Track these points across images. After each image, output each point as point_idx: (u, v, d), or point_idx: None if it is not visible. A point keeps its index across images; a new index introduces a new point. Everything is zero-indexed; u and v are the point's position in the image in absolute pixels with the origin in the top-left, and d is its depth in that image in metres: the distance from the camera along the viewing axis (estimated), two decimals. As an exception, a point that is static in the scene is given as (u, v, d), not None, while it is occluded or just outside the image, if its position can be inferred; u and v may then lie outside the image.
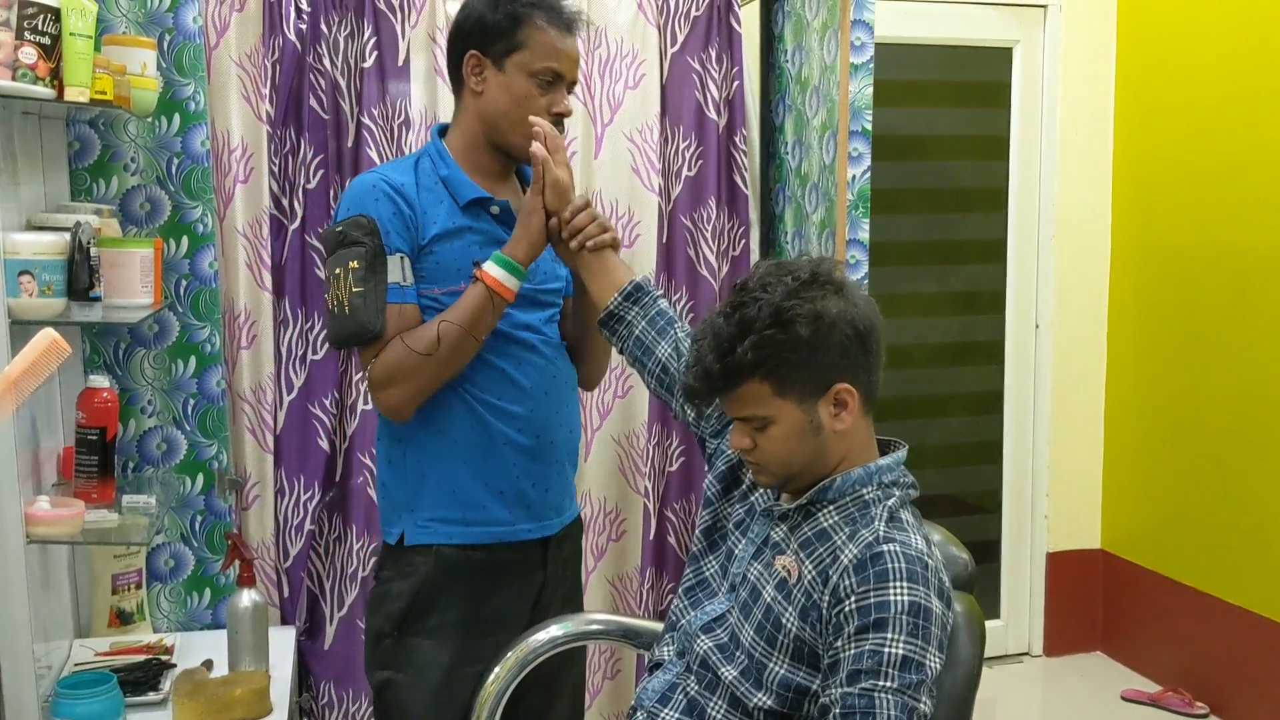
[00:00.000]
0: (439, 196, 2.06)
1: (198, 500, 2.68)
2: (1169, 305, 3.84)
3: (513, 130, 2.04)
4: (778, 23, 3.20)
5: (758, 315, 1.60)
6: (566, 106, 2.08)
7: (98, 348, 2.59)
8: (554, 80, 2.04)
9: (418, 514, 2.09)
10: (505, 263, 1.98)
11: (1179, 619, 3.84)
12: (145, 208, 2.59)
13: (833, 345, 1.61)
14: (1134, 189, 3.98)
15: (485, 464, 2.07)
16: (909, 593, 1.53)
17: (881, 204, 3.04)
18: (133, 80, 2.30)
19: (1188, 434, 3.77)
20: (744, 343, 1.60)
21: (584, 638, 2.12)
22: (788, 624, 1.62)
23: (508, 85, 2.03)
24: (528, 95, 2.03)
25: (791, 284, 1.61)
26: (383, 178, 2.04)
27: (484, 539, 2.09)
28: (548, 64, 2.03)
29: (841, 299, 1.63)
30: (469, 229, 2.05)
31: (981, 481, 4.24)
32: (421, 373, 1.98)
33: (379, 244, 1.97)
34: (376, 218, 1.98)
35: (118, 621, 2.58)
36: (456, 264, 2.03)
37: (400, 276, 1.99)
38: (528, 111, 2.02)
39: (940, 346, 4.21)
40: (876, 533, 1.60)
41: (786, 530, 1.70)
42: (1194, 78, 3.69)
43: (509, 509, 2.10)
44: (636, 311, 2.01)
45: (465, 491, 2.07)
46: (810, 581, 1.61)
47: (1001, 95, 4.05)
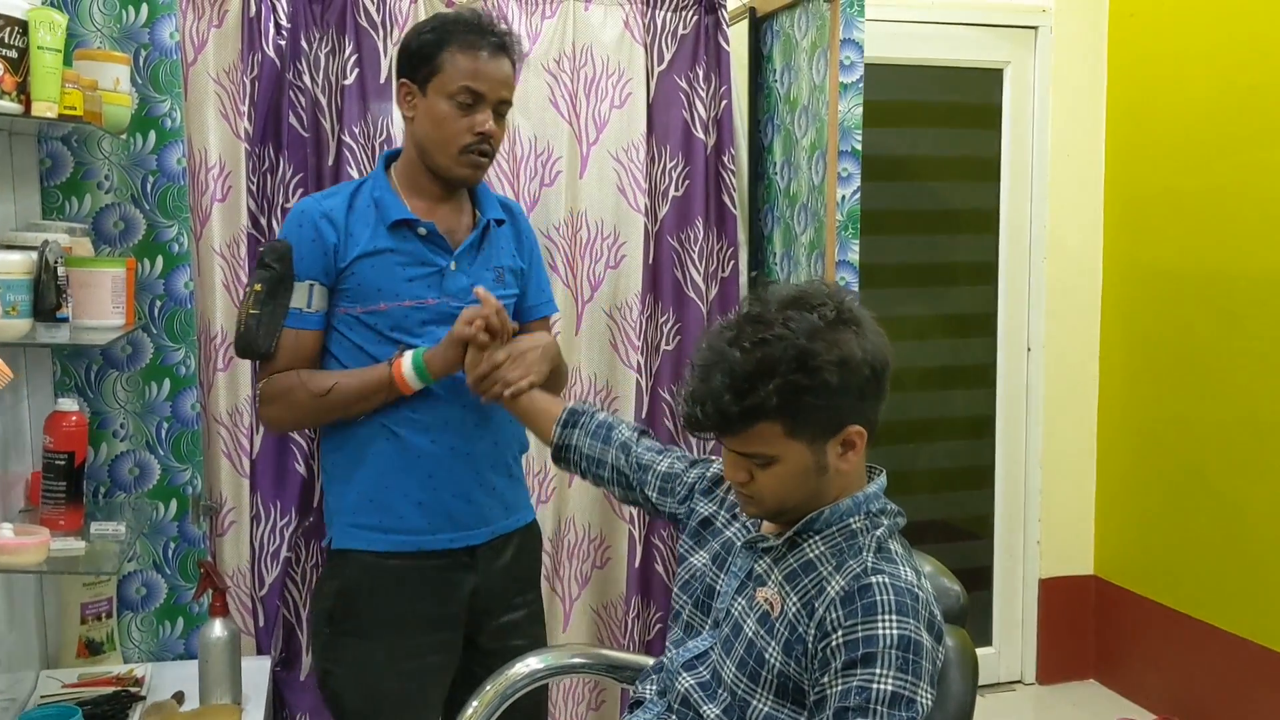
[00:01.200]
0: (369, 218, 2.13)
1: (171, 526, 2.62)
2: (1162, 327, 3.80)
3: (438, 153, 2.12)
4: (766, 42, 3.17)
5: (782, 356, 1.51)
6: (490, 127, 2.11)
7: (69, 370, 2.53)
8: (473, 102, 2.09)
9: (343, 518, 2.18)
10: (419, 366, 2.08)
11: (1173, 646, 3.80)
12: (119, 226, 2.54)
13: (853, 390, 1.54)
14: (1126, 211, 3.96)
15: (403, 474, 2.14)
16: (898, 626, 1.47)
17: (871, 225, 3.01)
18: (105, 96, 2.25)
19: (1182, 458, 3.73)
20: (767, 385, 1.50)
21: (565, 671, 2.06)
22: (771, 659, 1.56)
23: (430, 110, 2.11)
24: (447, 117, 2.09)
25: (818, 323, 1.53)
26: (316, 203, 2.16)
27: (401, 547, 2.15)
28: (463, 84, 2.08)
29: (861, 336, 1.55)
30: (391, 250, 2.12)
31: (973, 507, 4.20)
32: (302, 409, 2.13)
33: (287, 270, 2.09)
34: (294, 244, 2.10)
35: (86, 652, 2.51)
36: (376, 284, 2.11)
37: (304, 303, 2.11)
38: (449, 134, 2.10)
39: (930, 370, 4.16)
40: (864, 564, 1.54)
41: (770, 562, 1.64)
42: (1186, 99, 3.66)
43: (428, 518, 2.15)
44: (579, 434, 2.06)
45: (384, 500, 2.14)
46: (795, 615, 1.56)
47: (992, 116, 4.03)
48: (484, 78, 2.09)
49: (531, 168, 2.86)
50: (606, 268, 2.93)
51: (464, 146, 2.10)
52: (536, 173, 2.86)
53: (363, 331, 2.12)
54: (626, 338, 2.94)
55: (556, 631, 2.91)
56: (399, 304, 2.11)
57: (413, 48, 2.13)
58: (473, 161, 2.13)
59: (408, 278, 2.12)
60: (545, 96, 2.86)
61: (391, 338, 2.12)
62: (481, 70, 2.09)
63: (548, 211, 2.88)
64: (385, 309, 2.11)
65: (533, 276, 2.33)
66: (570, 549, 2.95)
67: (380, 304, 2.11)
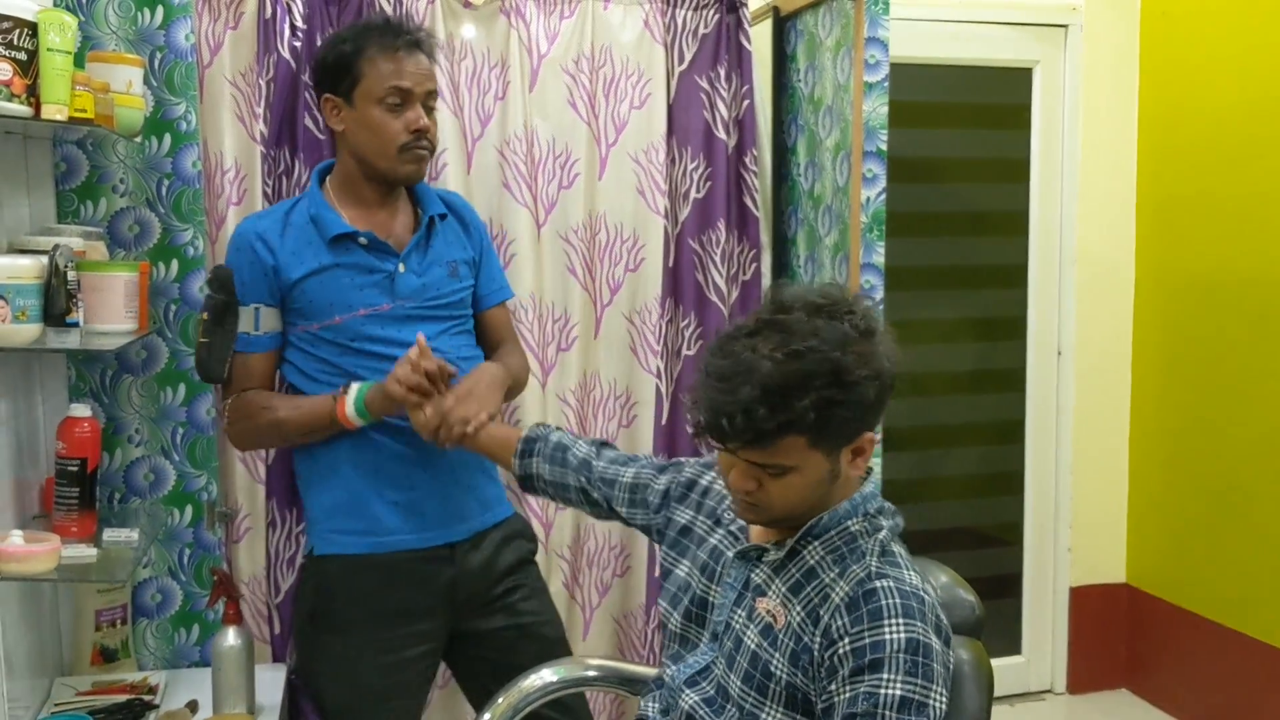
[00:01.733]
0: (309, 236, 2.18)
1: (186, 533, 2.60)
2: (1195, 331, 3.75)
3: (378, 158, 2.17)
4: (790, 41, 3.13)
5: (817, 370, 1.46)
6: (424, 122, 2.16)
7: (83, 374, 2.51)
8: (402, 101, 2.14)
9: (321, 525, 2.24)
10: (360, 407, 2.12)
11: (1207, 656, 3.75)
12: (134, 230, 2.52)
13: (877, 403, 1.53)
14: (1158, 212, 3.91)
15: (376, 476, 2.19)
16: (905, 629, 1.44)
17: (899, 228, 2.96)
18: (117, 98, 2.23)
19: (1216, 464, 3.68)
20: (802, 399, 1.45)
21: (579, 684, 2.02)
22: (777, 671, 1.53)
23: (361, 118, 2.15)
24: (380, 122, 2.14)
25: (850, 334, 1.50)
26: (251, 226, 2.21)
27: (378, 549, 2.20)
28: (389, 85, 2.13)
29: (885, 345, 1.54)
30: (337, 265, 2.17)
31: (1002, 513, 4.15)
32: (258, 435, 2.27)
33: (230, 296, 2.16)
34: (235, 268, 2.17)
35: (101, 659, 2.50)
36: (328, 299, 2.16)
37: (251, 326, 2.18)
38: (386, 137, 2.15)
39: (959, 374, 4.13)
40: (868, 568, 1.51)
41: (769, 571, 1.60)
42: (1221, 99, 3.61)
43: (403, 518, 2.20)
44: (537, 462, 2.07)
45: (359, 504, 2.20)
46: (799, 624, 1.52)
47: (1022, 117, 3.98)
48: (407, 75, 2.14)
49: (550, 170, 2.82)
50: (626, 271, 2.89)
51: (402, 145, 2.15)
52: (554, 175, 2.83)
53: (324, 346, 2.18)
54: (646, 342, 2.90)
55: (576, 641, 2.87)
56: (354, 314, 2.16)
57: (329, 61, 2.18)
58: (415, 157, 2.18)
59: (358, 287, 2.17)
60: (564, 98, 2.82)
61: (353, 347, 2.18)
62: (404, 69, 2.14)
63: (566, 214, 2.84)
64: (340, 321, 2.16)
65: (484, 265, 2.37)
66: (590, 557, 2.92)
67: (335, 317, 2.16)
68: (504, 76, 2.77)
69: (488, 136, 2.76)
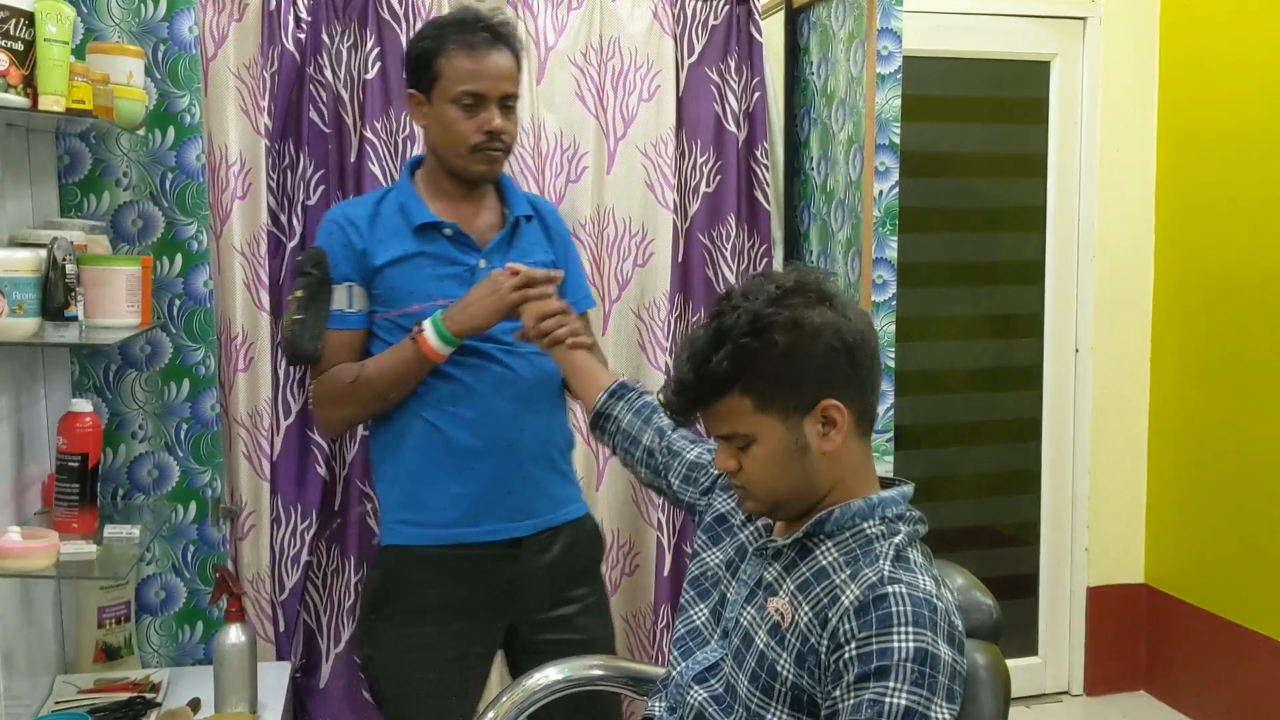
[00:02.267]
0: (396, 225, 2.17)
1: (190, 529, 2.59)
2: (1215, 328, 3.71)
3: (452, 156, 2.16)
4: (803, 34, 3.10)
5: (735, 324, 1.50)
6: (497, 124, 2.12)
7: (87, 369, 2.50)
8: (476, 102, 2.11)
9: (387, 516, 2.22)
10: (440, 332, 2.07)
11: (1227, 658, 3.70)
12: (137, 224, 2.51)
13: (815, 356, 1.50)
14: (1178, 207, 3.86)
15: (440, 468, 2.15)
16: (914, 638, 1.39)
17: (915, 223, 2.93)
18: (117, 90, 2.21)
19: (1235, 462, 3.64)
20: (719, 352, 1.50)
21: (584, 683, 1.99)
22: (783, 671, 1.49)
23: (437, 116, 2.14)
24: (454, 121, 2.12)
25: (773, 292, 1.52)
26: (343, 212, 2.21)
27: (437, 540, 2.16)
28: (463, 88, 2.10)
29: (829, 309, 1.52)
30: (421, 254, 2.15)
31: (1019, 512, 4.10)
32: (342, 401, 2.16)
33: (324, 275, 2.14)
34: (327, 250, 2.15)
35: (104, 656, 2.49)
36: (408, 288, 2.14)
37: (345, 304, 2.15)
38: (458, 137, 2.13)
39: (975, 371, 4.08)
40: (881, 573, 1.46)
41: (781, 570, 1.57)
42: (1242, 92, 3.56)
43: (464, 511, 2.16)
44: (622, 406, 2.03)
45: (421, 495, 2.17)
46: (806, 625, 1.48)
47: (1039, 110, 3.94)
48: (482, 77, 2.11)
49: (557, 163, 2.80)
50: (634, 266, 2.86)
51: (474, 146, 2.13)
52: (562, 168, 2.80)
53: (399, 334, 2.14)
54: (654, 338, 2.87)
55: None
56: (432, 304, 2.11)
57: (412, 57, 2.18)
58: (487, 158, 2.15)
59: (438, 277, 2.14)
60: (571, 90, 2.80)
61: None
62: (480, 70, 2.11)
63: (574, 208, 2.81)
64: (419, 310, 2.12)
65: (568, 272, 2.30)
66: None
67: (413, 305, 2.13)
68: (511, 68, 2.74)
69: (495, 129, 2.73)
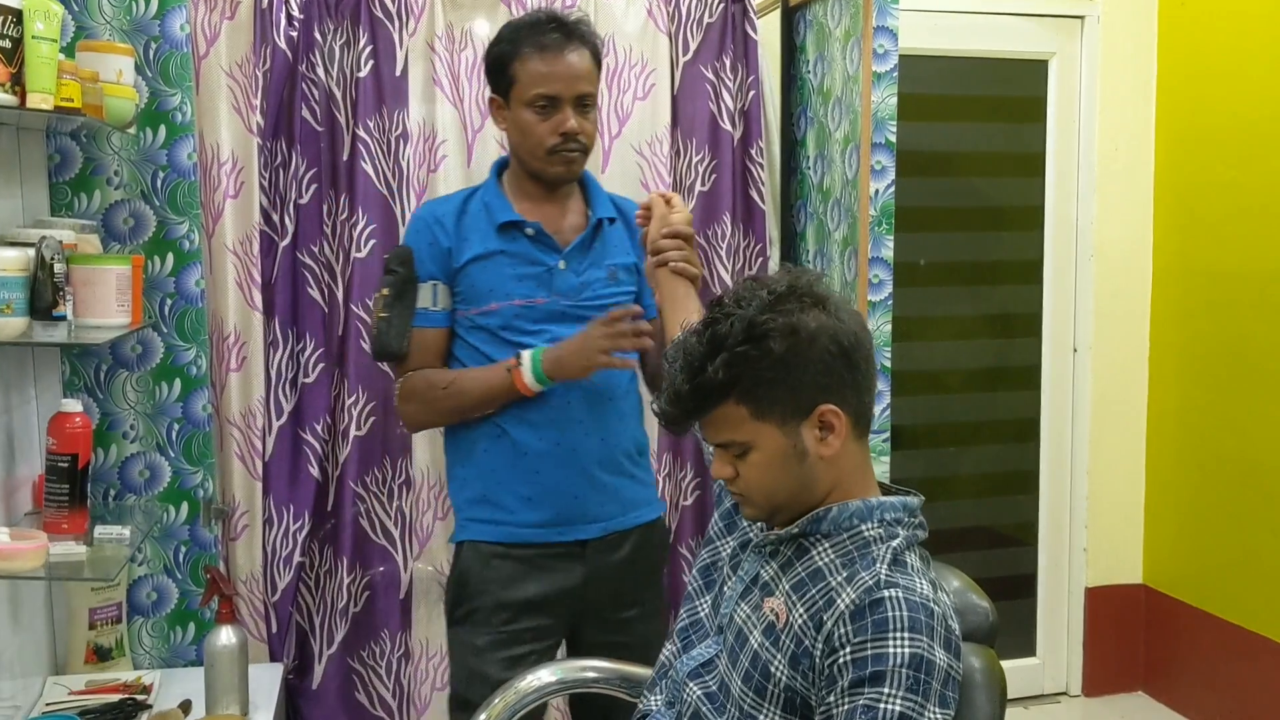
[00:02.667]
0: (480, 222, 2.21)
1: (182, 530, 2.57)
2: (1214, 328, 3.69)
3: (530, 158, 2.19)
4: (799, 32, 3.08)
5: (730, 331, 1.48)
6: (572, 125, 2.14)
7: (78, 369, 2.49)
8: (550, 104, 2.13)
9: (460, 513, 2.26)
10: (538, 372, 2.12)
11: (1225, 659, 3.69)
12: (129, 223, 2.49)
13: (812, 362, 1.48)
14: (1177, 207, 3.85)
15: (511, 470, 2.19)
16: (910, 644, 1.38)
17: (912, 222, 2.92)
18: (107, 88, 2.20)
19: (1234, 462, 3.62)
20: (714, 361, 1.48)
21: (577, 685, 1.98)
22: (777, 672, 1.48)
23: (515, 120, 2.18)
24: (531, 125, 2.15)
25: (767, 298, 1.50)
26: (431, 210, 2.26)
27: (509, 538, 2.20)
28: (537, 91, 2.13)
29: (823, 313, 1.50)
30: (501, 252, 2.18)
31: (1017, 513, 4.09)
32: (429, 406, 2.22)
33: (410, 273, 2.18)
34: (414, 247, 2.19)
35: (95, 658, 2.48)
36: (488, 285, 2.18)
37: (430, 301, 2.19)
38: (535, 140, 2.16)
39: (973, 371, 4.07)
40: (878, 576, 1.44)
41: (777, 568, 1.56)
42: (1241, 90, 3.55)
43: (535, 511, 2.19)
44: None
45: (494, 495, 2.20)
46: (801, 627, 1.47)
47: (1037, 110, 3.92)
48: (556, 79, 2.13)
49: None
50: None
51: (551, 148, 2.15)
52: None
53: (478, 333, 2.19)
54: (650, 338, 2.85)
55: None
56: (509, 303, 2.17)
57: (489, 63, 2.21)
58: (564, 159, 2.17)
59: (517, 276, 2.18)
60: (566, 88, 2.79)
61: (502, 337, 2.18)
62: (553, 72, 2.12)
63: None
64: (496, 309, 2.17)
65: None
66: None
67: (491, 304, 2.17)
68: (505, 67, 2.73)
69: (488, 128, 2.72)
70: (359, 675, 2.76)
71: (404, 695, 2.79)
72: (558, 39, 2.13)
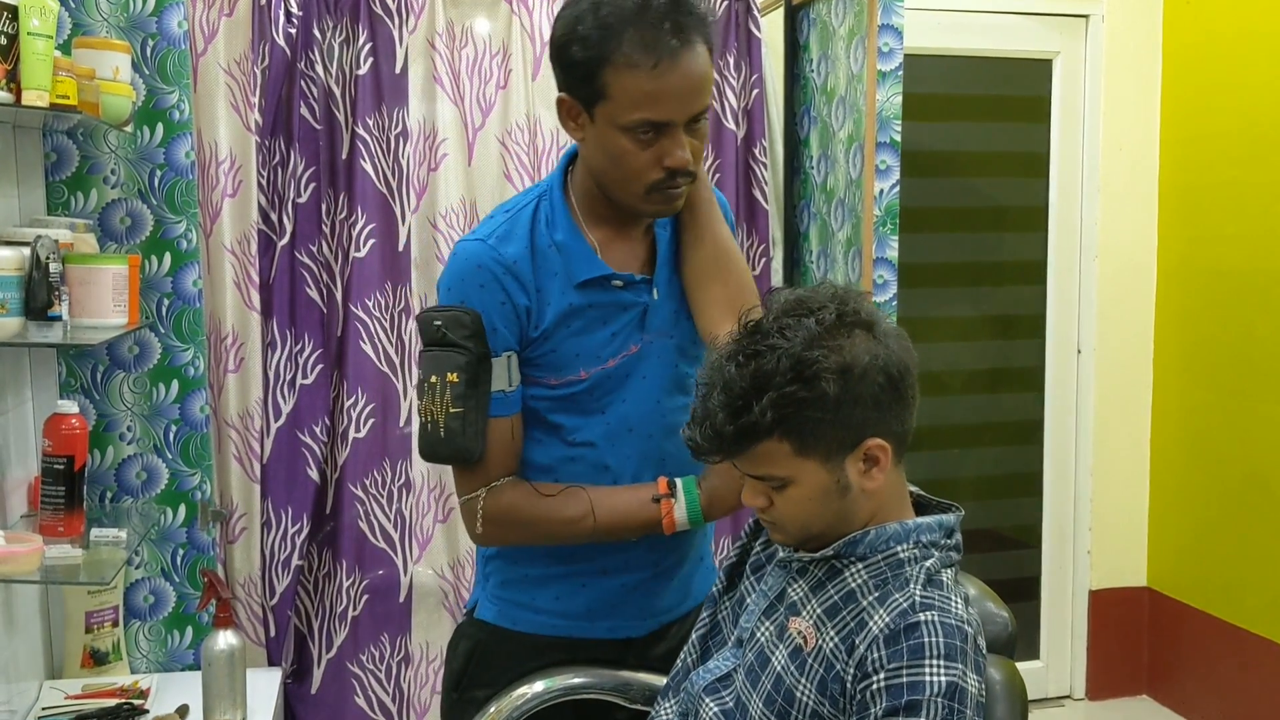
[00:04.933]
0: (554, 267, 1.67)
1: (179, 533, 2.54)
2: (1219, 329, 3.67)
3: (618, 190, 1.64)
4: (803, 31, 3.06)
5: (776, 368, 1.37)
6: (683, 156, 1.57)
7: (74, 370, 2.47)
8: (657, 131, 1.56)
9: (489, 588, 1.84)
10: (694, 514, 1.70)
11: (1230, 662, 3.67)
12: (125, 222, 2.47)
13: (863, 398, 1.39)
14: (1181, 207, 3.82)
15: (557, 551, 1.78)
16: (946, 672, 1.33)
17: (915, 223, 2.89)
18: (103, 85, 2.18)
19: (1239, 465, 3.60)
20: (761, 400, 1.37)
21: (572, 692, 1.93)
22: (802, 698, 1.43)
23: (601, 140, 1.59)
24: (626, 153, 1.58)
25: (815, 329, 1.39)
26: (493, 254, 1.64)
27: (548, 631, 1.81)
28: (641, 116, 1.54)
29: (871, 339, 1.40)
30: (590, 307, 1.68)
31: (1020, 515, 4.06)
32: (537, 537, 1.74)
33: (482, 349, 1.63)
34: (481, 312, 1.63)
35: (91, 662, 2.45)
36: (574, 350, 1.68)
37: (505, 383, 1.66)
38: (630, 172, 1.60)
39: (976, 373, 4.05)
40: (912, 598, 1.39)
41: (807, 589, 1.50)
42: (1246, 90, 3.52)
43: (588, 603, 1.80)
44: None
45: (532, 577, 1.80)
46: (831, 651, 1.42)
47: (1041, 109, 3.89)
48: (667, 99, 1.54)
49: (553, 160, 2.76)
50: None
51: (652, 185, 1.61)
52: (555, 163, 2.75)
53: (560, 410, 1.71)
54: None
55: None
56: (600, 367, 1.69)
57: (567, 61, 1.58)
58: (667, 197, 1.63)
59: (611, 333, 1.69)
60: (566, 85, 2.75)
61: (582, 405, 1.72)
62: (662, 90, 1.53)
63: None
64: (585, 377, 1.69)
65: None
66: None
67: (580, 372, 1.68)
68: (506, 64, 2.71)
69: (489, 126, 2.70)
70: (358, 679, 2.74)
71: (404, 699, 2.77)
72: (673, 43, 1.53)
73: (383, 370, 2.59)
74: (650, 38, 1.52)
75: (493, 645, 1.83)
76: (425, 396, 1.64)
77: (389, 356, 2.68)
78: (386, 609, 2.73)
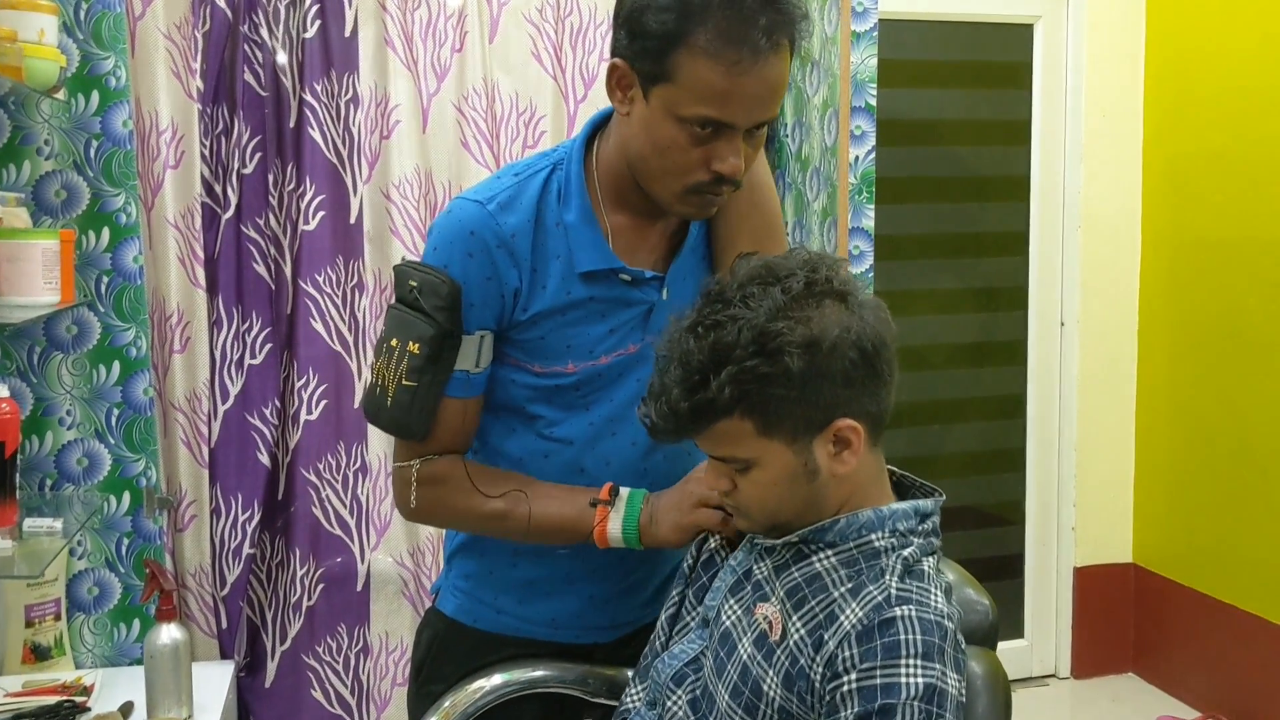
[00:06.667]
0: (558, 248, 1.54)
1: (124, 522, 2.44)
2: (1205, 301, 3.64)
3: (653, 182, 1.49)
4: (774, -8, 2.95)
5: (737, 340, 1.26)
6: (734, 165, 1.44)
7: (9, 351, 2.36)
8: (715, 131, 1.42)
9: (455, 579, 1.74)
10: (630, 535, 1.56)
11: (1217, 638, 3.65)
12: (61, 195, 2.36)
13: (833, 374, 1.28)
14: (1166, 176, 3.79)
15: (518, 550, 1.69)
16: (924, 673, 1.23)
17: (894, 193, 2.80)
18: (27, 49, 2.07)
19: (1225, 439, 3.57)
20: (719, 376, 1.26)
21: (531, 685, 1.84)
22: (769, 690, 1.33)
23: (649, 123, 1.44)
24: (674, 146, 1.43)
25: (781, 298, 1.28)
26: (490, 221, 1.51)
27: (511, 631, 1.72)
28: (703, 112, 1.40)
29: (844, 310, 1.29)
30: (590, 299, 1.56)
31: (1003, 491, 4.04)
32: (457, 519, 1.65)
33: (453, 324, 1.51)
34: (463, 284, 1.50)
35: (33, 657, 2.37)
36: (565, 342, 1.57)
37: (472, 363, 1.54)
38: (673, 167, 1.45)
39: (957, 347, 4.00)
40: (888, 591, 1.29)
41: (771, 568, 1.40)
42: (1231, 55, 3.48)
43: (554, 610, 1.72)
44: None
45: (495, 575, 1.71)
46: (797, 643, 1.31)
47: (1022, 76, 3.85)
48: (735, 101, 1.40)
49: (513, 127, 2.67)
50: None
51: (692, 186, 1.47)
52: (518, 133, 2.67)
53: (540, 401, 1.61)
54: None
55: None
56: (592, 363, 1.58)
57: (638, 28, 1.41)
58: (703, 203, 1.51)
59: (609, 329, 1.58)
60: (527, 49, 2.67)
61: (565, 400, 1.61)
62: (734, 90, 1.39)
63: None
64: (574, 370, 1.58)
65: None
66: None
67: (569, 364, 1.58)
68: (461, 27, 2.61)
69: (444, 92, 2.60)
70: (314, 672, 2.65)
71: (363, 691, 2.68)
72: (762, 42, 1.37)
73: (335, 349, 2.49)
74: (739, 31, 1.36)
75: (451, 639, 1.74)
76: (382, 357, 1.54)
77: (341, 335, 2.58)
78: (344, 598, 2.64)
